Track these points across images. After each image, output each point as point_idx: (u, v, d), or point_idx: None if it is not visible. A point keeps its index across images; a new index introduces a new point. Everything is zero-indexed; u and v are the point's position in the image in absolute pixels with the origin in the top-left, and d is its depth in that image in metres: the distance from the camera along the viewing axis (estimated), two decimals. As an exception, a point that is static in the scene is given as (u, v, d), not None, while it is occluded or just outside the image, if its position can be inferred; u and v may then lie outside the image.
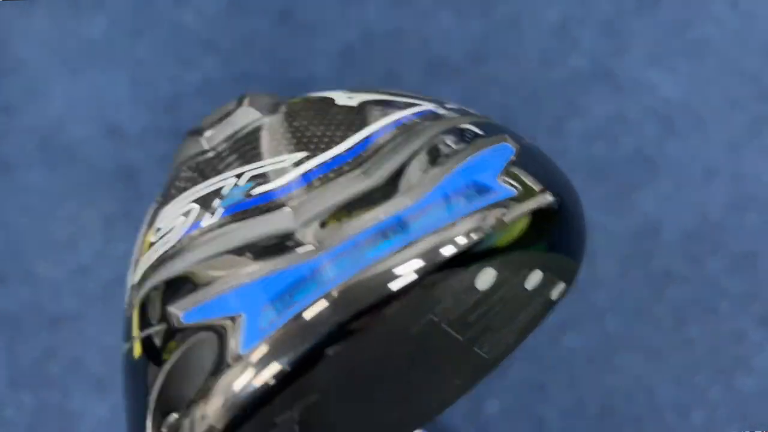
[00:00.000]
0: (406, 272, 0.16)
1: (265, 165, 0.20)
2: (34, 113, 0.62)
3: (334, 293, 0.16)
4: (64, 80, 0.63)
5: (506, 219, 0.19)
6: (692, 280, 0.55)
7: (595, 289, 0.55)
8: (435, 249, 0.17)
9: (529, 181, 0.21)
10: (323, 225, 0.17)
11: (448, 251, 0.17)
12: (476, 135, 0.22)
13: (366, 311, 0.16)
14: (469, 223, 0.18)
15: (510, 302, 0.20)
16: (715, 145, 0.58)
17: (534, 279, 0.21)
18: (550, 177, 0.21)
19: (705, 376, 0.53)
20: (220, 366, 0.17)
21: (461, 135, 0.22)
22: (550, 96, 0.60)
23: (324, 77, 0.62)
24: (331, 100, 0.22)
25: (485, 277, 0.19)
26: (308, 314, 0.16)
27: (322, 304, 0.16)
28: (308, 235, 0.17)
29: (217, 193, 0.20)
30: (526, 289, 0.21)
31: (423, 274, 0.16)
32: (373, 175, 0.19)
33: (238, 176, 0.20)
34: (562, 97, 0.60)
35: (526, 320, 0.22)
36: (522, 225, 0.19)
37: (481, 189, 0.19)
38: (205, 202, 0.20)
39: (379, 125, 0.21)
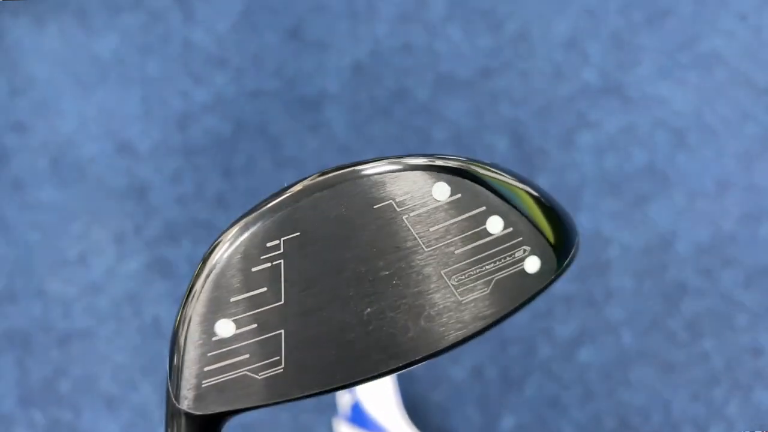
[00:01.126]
0: (379, 165, 0.23)
1: None
2: (46, 131, 0.62)
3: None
4: (75, 98, 0.63)
5: (474, 166, 0.24)
6: (707, 293, 0.55)
7: (609, 303, 0.55)
8: (405, 159, 0.24)
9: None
10: None
11: (413, 161, 0.23)
12: None
13: (341, 175, 0.23)
14: (444, 159, 0.24)
15: (471, 237, 0.24)
16: (727, 158, 0.58)
17: (496, 225, 0.24)
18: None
19: (722, 391, 0.53)
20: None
21: None
22: (561, 109, 0.60)
23: (335, 93, 0.62)
24: None
25: (440, 190, 0.23)
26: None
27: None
28: None
29: None
30: (488, 231, 0.24)
31: (390, 166, 0.23)
32: None
33: None
34: (572, 110, 0.60)
35: (499, 280, 0.24)
36: (501, 184, 0.24)
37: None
38: None
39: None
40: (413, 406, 0.53)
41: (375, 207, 0.23)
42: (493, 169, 0.24)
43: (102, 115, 0.63)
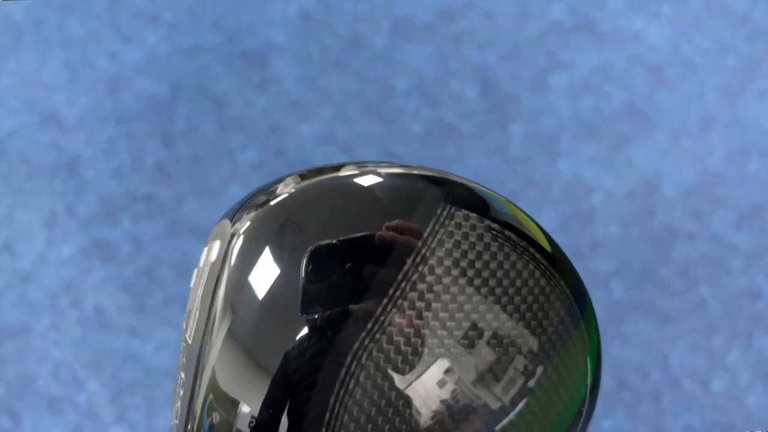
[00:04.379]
0: None
1: None
2: (-45, 105, 0.55)
3: None
4: (-13, 66, 0.56)
5: None
6: (699, 236, 0.51)
7: (597, 254, 0.51)
8: None
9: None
10: None
11: None
12: None
13: None
14: None
15: (206, 281, 0.24)
16: (709, 93, 0.55)
17: (214, 251, 0.25)
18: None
19: (722, 339, 0.49)
20: None
21: None
22: (531, 51, 0.56)
23: (282, 44, 0.56)
24: None
25: (214, 250, 0.25)
26: None
27: None
28: None
29: None
30: (209, 261, 0.25)
31: None
32: None
33: None
34: (543, 51, 0.56)
35: (204, 290, 0.25)
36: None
37: None
38: None
39: None
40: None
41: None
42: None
43: (20, 84, 0.56)
